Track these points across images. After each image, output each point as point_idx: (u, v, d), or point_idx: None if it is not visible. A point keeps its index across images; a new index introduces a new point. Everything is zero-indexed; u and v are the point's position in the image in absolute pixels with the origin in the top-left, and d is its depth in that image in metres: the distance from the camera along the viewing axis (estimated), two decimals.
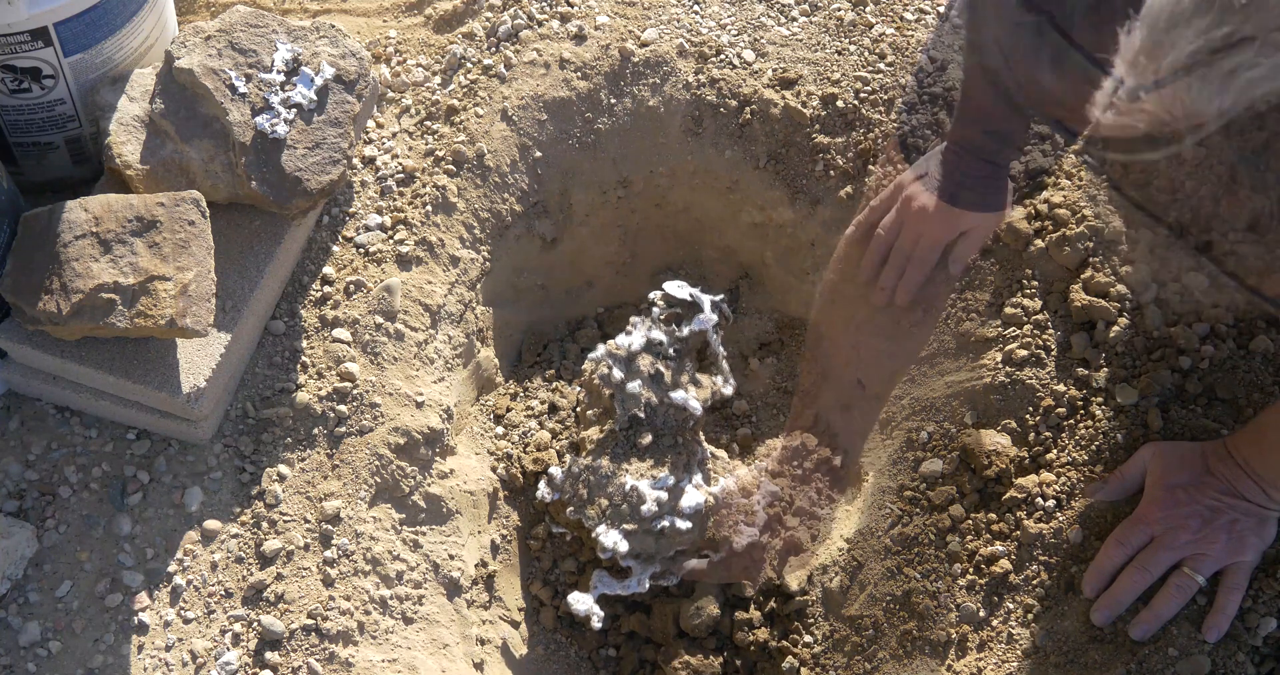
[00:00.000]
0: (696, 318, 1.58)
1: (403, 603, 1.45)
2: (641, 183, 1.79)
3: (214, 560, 1.40)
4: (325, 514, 1.44)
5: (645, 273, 1.89)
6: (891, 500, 1.54)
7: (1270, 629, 1.29)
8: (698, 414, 1.55)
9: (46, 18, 1.33)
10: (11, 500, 1.39)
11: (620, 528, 1.49)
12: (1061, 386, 1.46)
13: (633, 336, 1.56)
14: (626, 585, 1.51)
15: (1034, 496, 1.42)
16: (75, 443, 1.43)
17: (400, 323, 1.56)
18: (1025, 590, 1.39)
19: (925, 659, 1.40)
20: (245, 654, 1.37)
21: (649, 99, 1.74)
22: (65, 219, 1.33)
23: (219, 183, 1.45)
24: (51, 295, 1.30)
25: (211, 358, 1.40)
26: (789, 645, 1.54)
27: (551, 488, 1.55)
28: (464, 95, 1.69)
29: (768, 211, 1.78)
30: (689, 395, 1.55)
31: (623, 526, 1.49)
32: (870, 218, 1.65)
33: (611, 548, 1.47)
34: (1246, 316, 1.44)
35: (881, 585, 1.49)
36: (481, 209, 1.67)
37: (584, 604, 1.49)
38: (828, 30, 1.77)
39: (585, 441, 1.58)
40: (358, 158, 1.65)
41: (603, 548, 1.48)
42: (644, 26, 1.76)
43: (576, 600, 1.49)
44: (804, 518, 1.65)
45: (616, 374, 1.54)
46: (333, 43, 1.52)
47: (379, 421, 1.50)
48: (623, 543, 1.48)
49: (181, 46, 1.45)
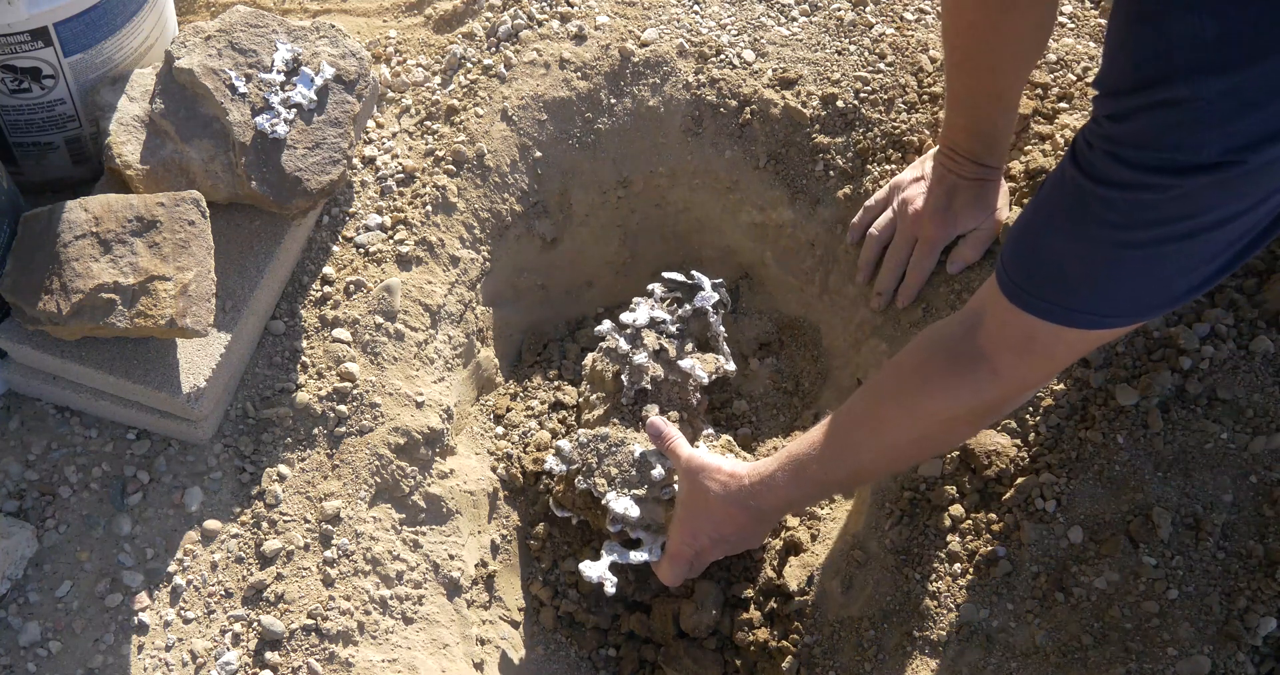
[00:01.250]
0: (698, 295, 1.63)
1: (403, 603, 1.45)
2: (641, 183, 1.79)
3: (214, 560, 1.40)
4: (325, 514, 1.44)
5: (645, 273, 1.89)
6: (891, 500, 1.54)
7: (1270, 629, 1.29)
8: (705, 382, 1.59)
9: (46, 18, 1.33)
10: (11, 500, 1.39)
11: (630, 494, 1.49)
12: (1061, 386, 1.46)
13: (637, 313, 1.62)
14: (639, 553, 1.51)
15: (1034, 497, 1.42)
16: (75, 443, 1.43)
17: (400, 323, 1.56)
18: (1025, 590, 1.39)
19: (925, 659, 1.40)
20: (245, 654, 1.37)
21: (649, 99, 1.74)
22: (65, 219, 1.33)
23: (219, 183, 1.45)
24: (51, 295, 1.30)
25: (211, 358, 1.40)
26: (789, 645, 1.54)
27: (561, 459, 1.56)
28: (464, 95, 1.69)
29: (768, 211, 1.78)
30: (695, 364, 1.59)
31: (632, 493, 1.49)
32: (864, 218, 1.65)
33: (622, 514, 1.48)
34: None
35: (881, 585, 1.49)
36: (481, 209, 1.67)
37: (595, 570, 1.48)
38: (828, 30, 1.77)
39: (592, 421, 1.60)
40: (358, 158, 1.65)
41: (613, 516, 1.49)
42: (644, 26, 1.76)
43: (588, 567, 1.48)
44: (804, 518, 1.65)
45: (624, 345, 1.59)
46: (333, 43, 1.52)
47: (379, 421, 1.50)
48: (633, 508, 1.48)
49: (181, 46, 1.45)
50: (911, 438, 1.26)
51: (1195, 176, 0.89)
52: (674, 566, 1.46)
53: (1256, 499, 1.36)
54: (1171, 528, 1.36)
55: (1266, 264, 1.48)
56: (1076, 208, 1.00)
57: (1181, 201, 0.92)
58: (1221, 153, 0.87)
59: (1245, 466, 1.37)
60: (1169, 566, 1.35)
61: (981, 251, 1.57)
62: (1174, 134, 0.89)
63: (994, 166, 1.53)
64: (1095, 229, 0.98)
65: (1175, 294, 1.01)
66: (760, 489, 1.37)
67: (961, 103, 1.49)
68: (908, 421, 1.24)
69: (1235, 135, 0.86)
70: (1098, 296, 1.03)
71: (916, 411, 1.23)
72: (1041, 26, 1.40)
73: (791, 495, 1.36)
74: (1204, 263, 0.98)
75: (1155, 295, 1.02)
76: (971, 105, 1.48)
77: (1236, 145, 0.87)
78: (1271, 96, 0.85)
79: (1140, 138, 0.92)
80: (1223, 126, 0.86)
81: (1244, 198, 0.92)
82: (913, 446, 1.29)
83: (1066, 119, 1.63)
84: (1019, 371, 1.15)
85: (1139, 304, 1.03)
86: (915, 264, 1.59)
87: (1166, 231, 0.95)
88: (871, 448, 1.30)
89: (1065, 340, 1.08)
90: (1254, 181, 0.90)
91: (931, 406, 1.21)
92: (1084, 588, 1.36)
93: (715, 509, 1.41)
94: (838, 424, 1.32)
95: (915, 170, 1.61)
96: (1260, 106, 0.85)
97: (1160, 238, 0.95)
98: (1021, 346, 1.12)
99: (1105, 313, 1.04)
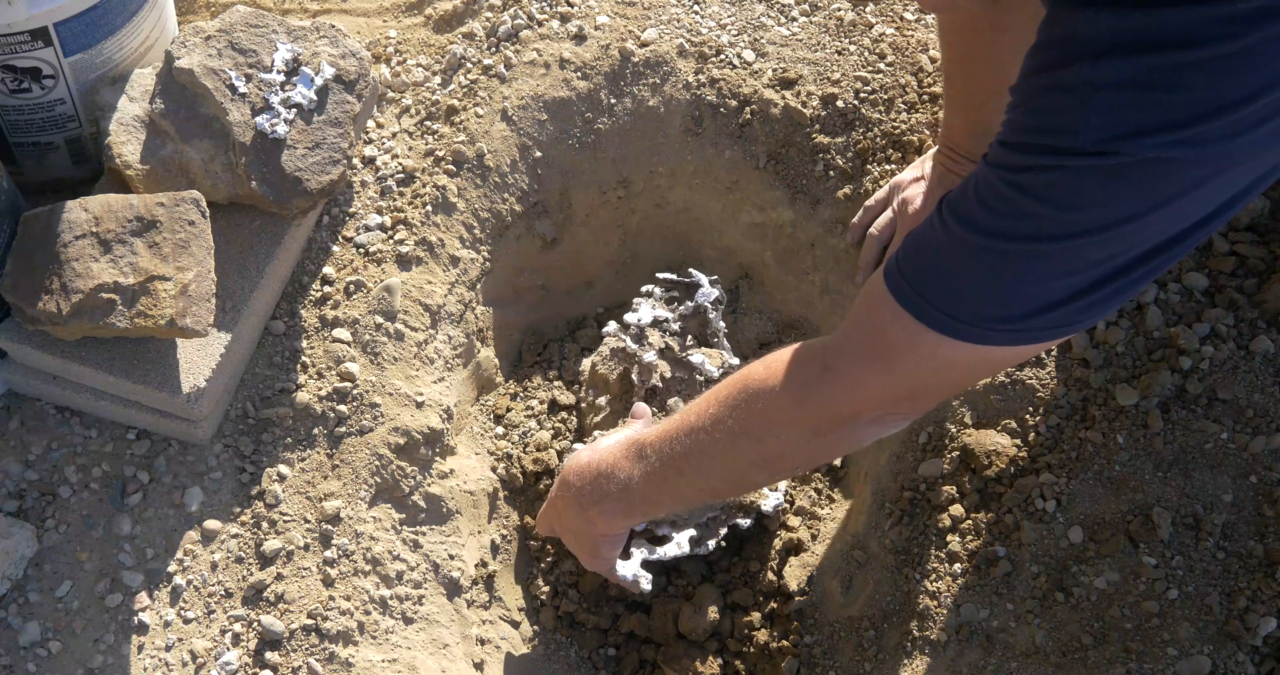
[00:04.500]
0: (698, 291, 1.65)
1: (403, 603, 1.45)
2: (641, 183, 1.79)
3: (214, 560, 1.40)
4: (325, 514, 1.44)
5: (645, 273, 1.89)
6: (891, 500, 1.54)
7: (1270, 629, 1.29)
8: (714, 376, 1.60)
9: (46, 18, 1.32)
10: (11, 500, 1.39)
11: None
12: (1061, 387, 1.46)
13: (640, 312, 1.63)
14: (665, 550, 1.51)
15: (1034, 496, 1.42)
16: (75, 443, 1.43)
17: (400, 323, 1.56)
18: (1025, 590, 1.39)
19: (925, 659, 1.40)
20: (245, 654, 1.37)
21: (649, 99, 1.74)
22: (65, 219, 1.33)
23: (219, 183, 1.45)
24: (51, 295, 1.30)
25: (211, 358, 1.40)
26: (789, 645, 1.54)
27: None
28: (464, 95, 1.69)
29: (768, 211, 1.78)
30: (704, 358, 1.61)
31: None
32: (864, 218, 1.65)
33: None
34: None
35: (881, 585, 1.49)
36: (481, 209, 1.67)
37: (629, 569, 1.48)
38: (828, 30, 1.77)
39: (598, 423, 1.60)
40: (358, 158, 1.65)
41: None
42: (644, 26, 1.76)
43: (622, 567, 1.48)
44: (804, 518, 1.65)
45: (631, 344, 1.60)
46: (333, 43, 1.52)
47: (379, 421, 1.50)
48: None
49: (181, 46, 1.45)
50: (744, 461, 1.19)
51: (1075, 158, 0.87)
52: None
53: (1256, 499, 1.36)
54: (1171, 528, 1.36)
55: (1266, 264, 1.48)
56: (959, 201, 0.97)
57: (1061, 188, 0.89)
58: (1099, 141, 0.86)
59: (1245, 466, 1.37)
60: (1169, 566, 1.35)
61: None
62: (1059, 117, 0.88)
63: None
64: (967, 217, 0.95)
65: (1038, 303, 0.94)
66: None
67: (960, 101, 1.49)
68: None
69: (1115, 124, 0.85)
70: (945, 290, 0.96)
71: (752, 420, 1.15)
72: (1040, 22, 1.40)
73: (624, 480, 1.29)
74: (1074, 272, 0.92)
75: (1012, 300, 0.94)
76: (970, 104, 1.48)
77: (1115, 134, 0.85)
78: (1154, 90, 0.84)
79: (1028, 121, 0.91)
80: (1104, 113, 0.85)
81: (1123, 202, 0.88)
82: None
83: None
84: (858, 374, 1.05)
85: (991, 305, 0.95)
86: None
87: (1038, 228, 0.91)
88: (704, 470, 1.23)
89: (918, 347, 1.00)
90: (1135, 185, 0.87)
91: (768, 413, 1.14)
92: (1084, 588, 1.36)
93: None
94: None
95: (915, 170, 1.61)
96: (1143, 98, 0.84)
97: (1033, 234, 0.91)
98: (867, 345, 1.04)
99: (951, 310, 0.96)
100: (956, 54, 1.44)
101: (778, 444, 1.16)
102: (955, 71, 1.47)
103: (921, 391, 1.09)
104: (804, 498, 1.66)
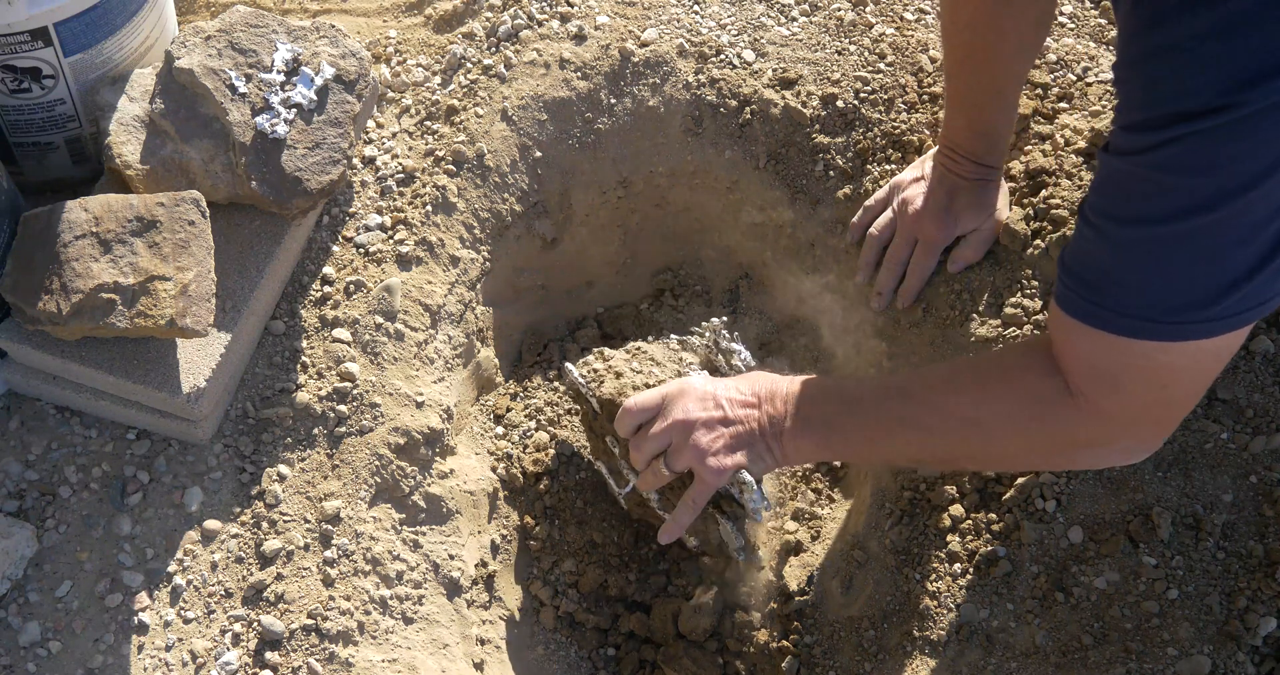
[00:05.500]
0: (738, 356, 1.54)
1: (403, 603, 1.45)
2: (641, 183, 1.79)
3: (214, 560, 1.40)
4: (325, 514, 1.44)
5: (645, 273, 1.89)
6: (891, 500, 1.54)
7: (1270, 629, 1.29)
8: (752, 364, 1.52)
9: (46, 18, 1.33)
10: (11, 500, 1.39)
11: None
12: None
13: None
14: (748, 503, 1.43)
15: (1034, 496, 1.42)
16: (75, 443, 1.43)
17: (400, 323, 1.56)
18: (1025, 590, 1.39)
19: (925, 659, 1.40)
20: (245, 654, 1.37)
21: (649, 99, 1.74)
22: (65, 219, 1.33)
23: (219, 183, 1.45)
24: (51, 295, 1.30)
25: (211, 358, 1.40)
26: (789, 645, 1.54)
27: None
28: (464, 95, 1.69)
29: (768, 211, 1.78)
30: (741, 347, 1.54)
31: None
32: (864, 218, 1.65)
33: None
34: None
35: (881, 585, 1.49)
36: (481, 209, 1.67)
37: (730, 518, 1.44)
38: (828, 30, 1.77)
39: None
40: (358, 158, 1.65)
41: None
42: (644, 26, 1.76)
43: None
44: (804, 518, 1.65)
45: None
46: (333, 43, 1.52)
47: (379, 421, 1.50)
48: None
49: (181, 46, 1.45)
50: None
51: (1201, 119, 0.81)
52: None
53: (1256, 499, 1.36)
54: (1171, 528, 1.36)
55: None
56: (1101, 201, 0.92)
57: (1196, 153, 0.83)
58: (1220, 93, 0.80)
59: (1245, 466, 1.37)
60: (1169, 566, 1.35)
61: (982, 252, 1.57)
62: (1171, 82, 0.83)
63: (994, 166, 1.53)
64: (1117, 215, 0.91)
65: (1220, 281, 0.88)
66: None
67: (961, 101, 1.49)
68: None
69: (1231, 73, 0.80)
70: (1128, 295, 0.92)
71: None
72: (1040, 22, 1.40)
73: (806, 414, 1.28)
74: (1245, 240, 0.86)
75: (1194, 284, 0.89)
76: (971, 104, 1.48)
77: (1234, 83, 0.80)
78: (1259, 28, 0.78)
79: (1143, 97, 0.86)
80: (1216, 66, 0.80)
81: (1264, 152, 0.82)
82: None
83: (1066, 119, 1.63)
84: (1100, 403, 1.02)
85: (1175, 295, 0.90)
86: (915, 264, 1.59)
87: (1190, 201, 0.85)
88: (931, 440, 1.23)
89: (1131, 363, 0.95)
90: (1270, 131, 0.81)
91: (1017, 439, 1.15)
92: (1084, 588, 1.36)
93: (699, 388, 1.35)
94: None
95: (915, 170, 1.61)
96: (1250, 42, 0.78)
97: (1185, 208, 0.85)
98: (1091, 377, 1.00)
99: (1142, 312, 0.92)
100: (958, 54, 1.44)
101: (1006, 449, 1.20)
102: (957, 71, 1.47)
103: (1159, 407, 1.05)
104: (804, 498, 1.66)
